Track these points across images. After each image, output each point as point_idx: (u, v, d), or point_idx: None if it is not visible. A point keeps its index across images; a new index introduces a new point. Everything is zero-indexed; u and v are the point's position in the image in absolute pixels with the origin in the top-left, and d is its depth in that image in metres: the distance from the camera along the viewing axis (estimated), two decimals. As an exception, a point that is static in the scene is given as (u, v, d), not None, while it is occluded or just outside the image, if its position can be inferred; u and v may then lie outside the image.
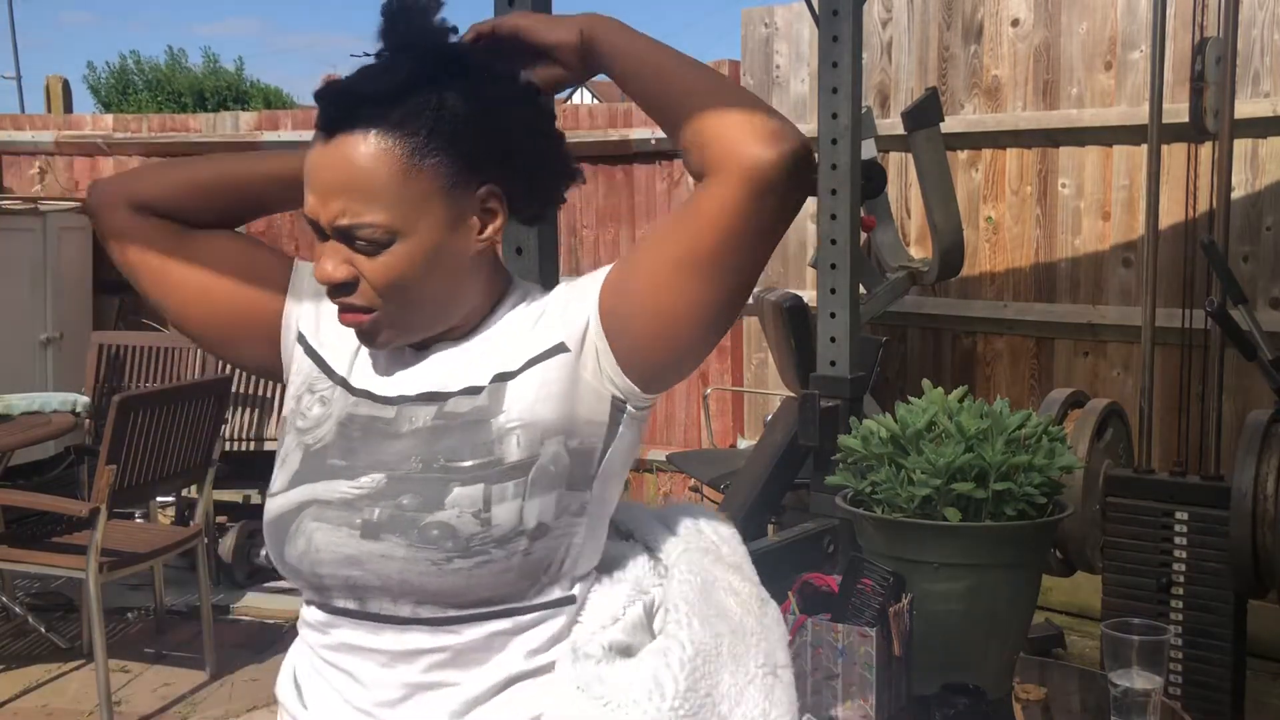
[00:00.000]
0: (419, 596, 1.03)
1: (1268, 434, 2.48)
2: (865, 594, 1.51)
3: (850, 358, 2.67)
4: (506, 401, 1.06)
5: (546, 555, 1.04)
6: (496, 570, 1.02)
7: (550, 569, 1.05)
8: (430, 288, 1.05)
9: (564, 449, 1.05)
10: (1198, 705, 2.47)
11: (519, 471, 1.03)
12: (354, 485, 1.06)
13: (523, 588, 1.04)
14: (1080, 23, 4.14)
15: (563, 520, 1.04)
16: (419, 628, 1.04)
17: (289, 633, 4.13)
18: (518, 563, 1.02)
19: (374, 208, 1.01)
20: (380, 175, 1.00)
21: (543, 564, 1.04)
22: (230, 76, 24.73)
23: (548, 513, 1.03)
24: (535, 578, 1.04)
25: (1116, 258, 4.12)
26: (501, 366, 1.07)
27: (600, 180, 5.25)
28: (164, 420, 3.39)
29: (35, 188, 5.74)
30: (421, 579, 1.01)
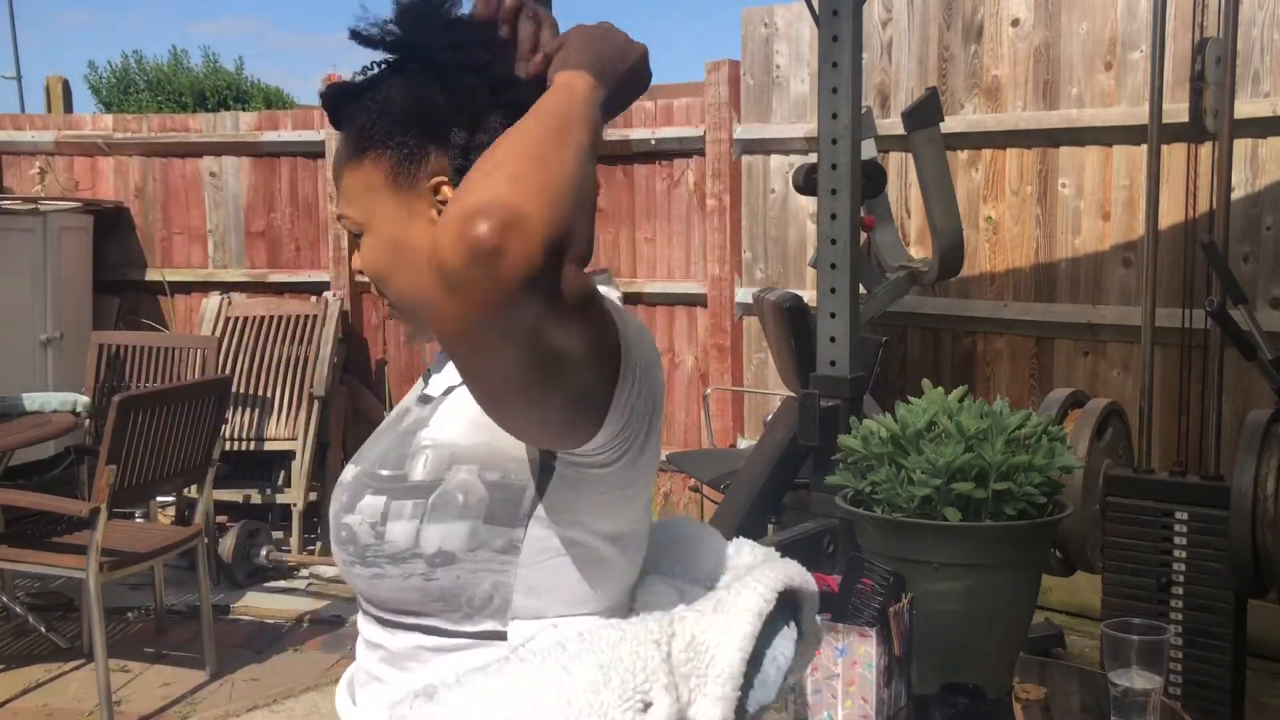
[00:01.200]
0: (359, 594, 1.08)
1: (1268, 434, 2.48)
2: (865, 594, 1.51)
3: (850, 358, 2.68)
4: (434, 418, 1.06)
5: (459, 586, 1.00)
6: (393, 586, 1.02)
7: (473, 601, 1.01)
8: (401, 280, 1.06)
9: (479, 480, 1.00)
10: (1198, 705, 2.47)
11: (420, 493, 1.01)
12: (349, 471, 1.10)
13: (440, 610, 1.02)
14: (1080, 23, 4.15)
15: (480, 554, 1.00)
16: (371, 620, 1.08)
17: (289, 633, 4.13)
18: (417, 584, 1.01)
19: (343, 200, 1.08)
20: (340, 169, 1.08)
21: (456, 593, 1.01)
22: (230, 76, 24.72)
23: (454, 542, 0.99)
24: (454, 604, 1.01)
25: (1116, 258, 4.12)
26: (452, 380, 1.06)
27: (600, 180, 5.25)
28: (164, 420, 3.39)
29: (35, 188, 5.74)
30: (346, 576, 1.07)
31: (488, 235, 0.76)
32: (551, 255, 0.78)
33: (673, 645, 1.00)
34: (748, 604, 1.04)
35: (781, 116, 4.91)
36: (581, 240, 0.82)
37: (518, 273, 0.77)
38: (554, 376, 0.85)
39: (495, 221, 0.76)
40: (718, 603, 1.05)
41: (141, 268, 5.82)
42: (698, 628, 1.02)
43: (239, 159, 5.72)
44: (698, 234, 5.12)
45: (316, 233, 5.64)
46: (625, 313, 0.97)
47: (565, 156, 0.85)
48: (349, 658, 4.21)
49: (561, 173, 0.83)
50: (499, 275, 0.76)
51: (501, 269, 0.76)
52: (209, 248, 5.80)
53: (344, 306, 5.43)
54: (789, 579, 1.08)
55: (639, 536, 1.09)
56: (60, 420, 3.89)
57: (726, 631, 1.01)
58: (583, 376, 0.87)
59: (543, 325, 0.80)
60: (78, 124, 5.98)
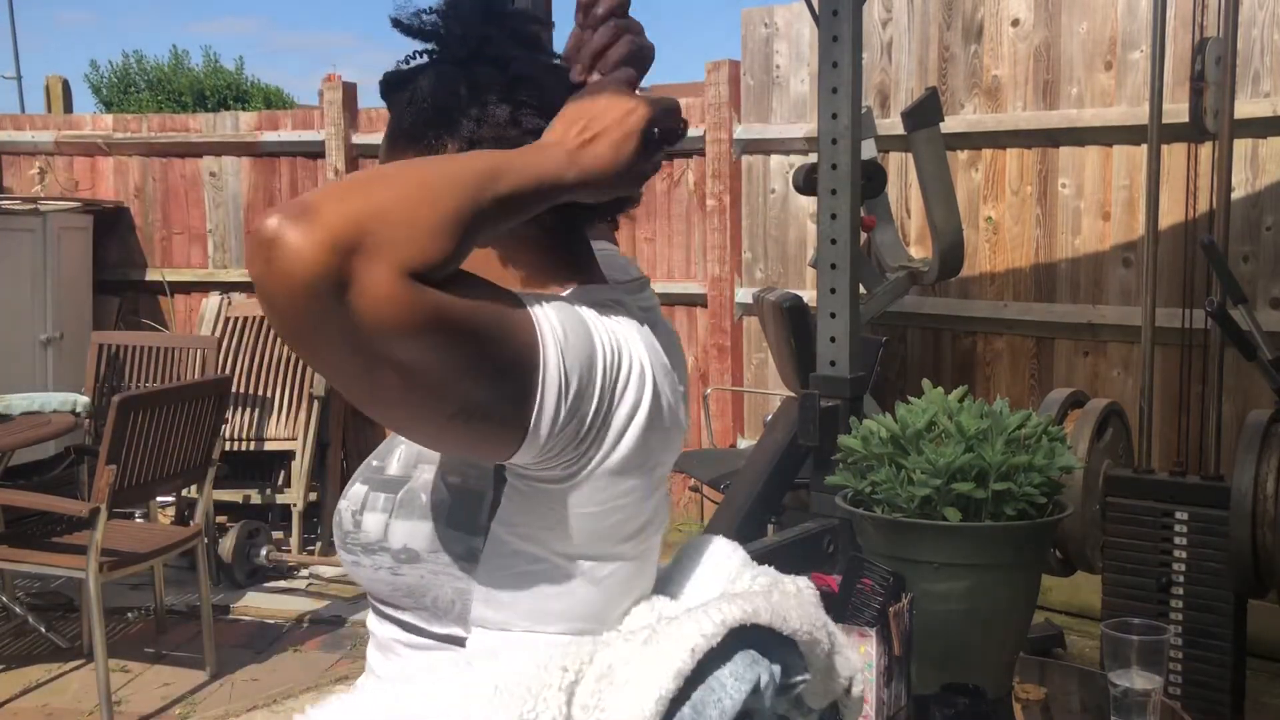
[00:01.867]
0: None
1: (1268, 434, 2.48)
2: (865, 594, 1.51)
3: (850, 358, 2.67)
4: None
5: (422, 585, 1.00)
6: (367, 576, 1.03)
7: (437, 602, 1.01)
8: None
9: (442, 481, 1.00)
10: (1198, 705, 2.47)
11: (391, 487, 1.02)
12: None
13: (410, 606, 1.03)
14: (1080, 23, 4.14)
15: (441, 557, 0.99)
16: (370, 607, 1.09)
17: (289, 633, 4.13)
18: (385, 578, 1.01)
19: None
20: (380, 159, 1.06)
21: (421, 593, 1.01)
22: (230, 76, 24.73)
23: (418, 540, 0.99)
24: (420, 602, 1.01)
25: (1116, 258, 4.12)
26: None
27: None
28: (164, 420, 3.39)
29: (35, 188, 5.74)
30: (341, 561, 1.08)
31: (269, 227, 0.76)
32: (335, 252, 0.76)
33: (586, 673, 0.95)
34: (683, 638, 0.95)
35: (781, 116, 4.91)
36: (406, 250, 0.80)
37: (294, 265, 0.75)
38: (416, 390, 0.83)
39: (283, 216, 0.76)
40: (653, 633, 0.98)
41: (141, 268, 5.82)
42: (619, 658, 0.96)
43: (239, 159, 5.72)
44: (698, 234, 5.12)
45: (316, 233, 5.63)
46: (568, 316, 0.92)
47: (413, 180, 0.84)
48: (349, 658, 4.21)
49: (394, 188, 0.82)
50: (274, 268, 0.76)
51: (276, 261, 0.76)
52: (209, 248, 5.80)
53: (344, 306, 5.42)
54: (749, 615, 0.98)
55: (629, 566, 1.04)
56: (60, 420, 3.89)
57: (649, 665, 0.94)
58: (459, 386, 0.84)
59: (352, 327, 0.78)
60: (78, 124, 5.98)
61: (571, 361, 0.91)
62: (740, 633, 0.98)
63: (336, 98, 5.43)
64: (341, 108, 5.43)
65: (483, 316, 0.86)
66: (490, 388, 0.87)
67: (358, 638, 4.05)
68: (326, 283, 0.76)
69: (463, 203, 0.84)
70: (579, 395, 0.91)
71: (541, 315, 0.91)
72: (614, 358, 0.95)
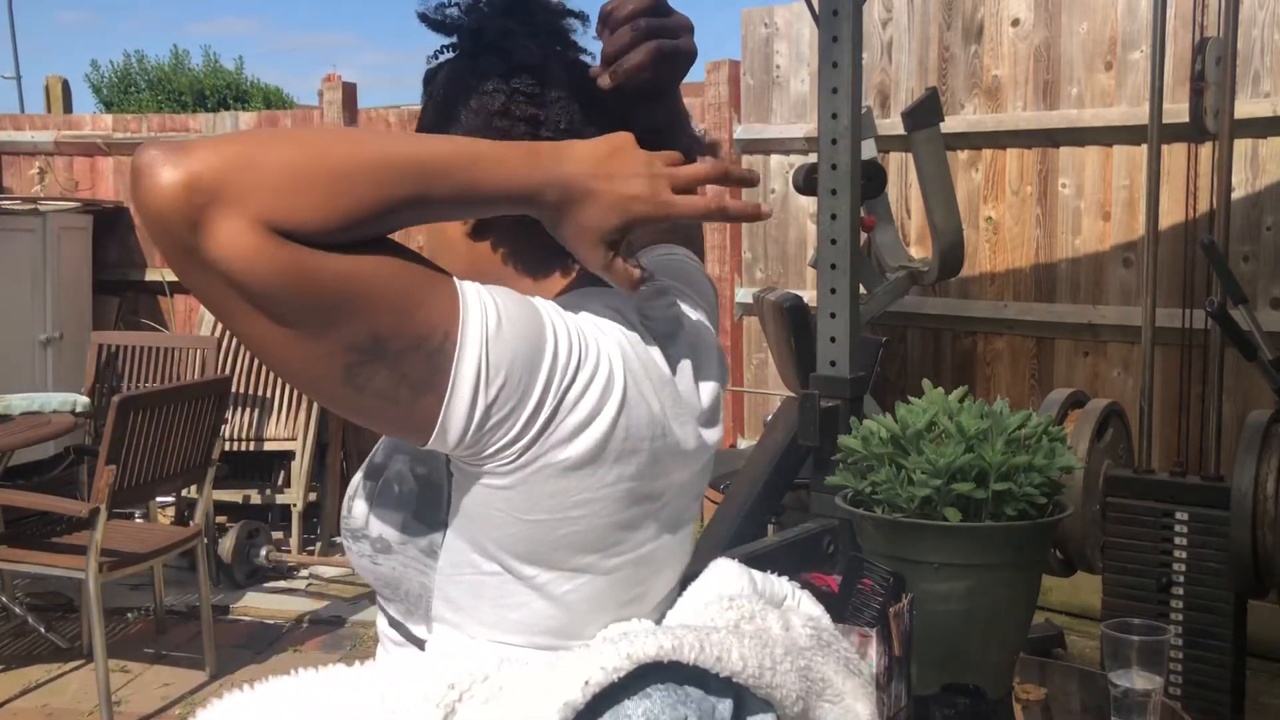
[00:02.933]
0: None
1: (1268, 434, 2.48)
2: (865, 594, 1.51)
3: (850, 358, 2.67)
4: None
5: (395, 576, 1.00)
6: (355, 563, 1.04)
7: (408, 597, 1.00)
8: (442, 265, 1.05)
9: (410, 472, 0.99)
10: (1198, 705, 2.47)
11: (372, 475, 1.03)
12: None
13: (389, 598, 1.03)
14: (1080, 23, 4.14)
15: (408, 549, 0.98)
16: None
17: (289, 633, 4.13)
18: (367, 566, 1.02)
19: None
20: None
21: (395, 584, 1.01)
22: (230, 75, 24.73)
23: (390, 530, 0.99)
24: (397, 595, 1.01)
25: (1117, 258, 4.12)
26: None
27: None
28: (164, 420, 3.39)
29: (35, 188, 5.74)
30: None
31: (144, 157, 0.79)
32: (191, 193, 0.78)
33: (476, 691, 0.92)
34: (579, 669, 0.88)
35: (781, 116, 4.91)
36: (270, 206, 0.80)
37: (152, 197, 0.78)
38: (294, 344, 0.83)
39: (161, 151, 0.79)
40: (557, 659, 0.94)
41: (141, 268, 5.82)
42: (513, 680, 0.93)
43: (239, 159, 5.71)
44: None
45: (316, 233, 5.63)
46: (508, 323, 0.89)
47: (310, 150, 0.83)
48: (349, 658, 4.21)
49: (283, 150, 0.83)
50: (137, 196, 0.79)
51: (138, 190, 0.79)
52: (209, 248, 5.79)
53: (344, 306, 5.42)
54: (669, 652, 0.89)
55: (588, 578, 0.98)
56: (60, 420, 3.89)
57: (538, 694, 0.89)
58: (342, 355, 0.83)
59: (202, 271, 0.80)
60: (77, 124, 5.98)
61: (499, 355, 0.87)
62: (671, 669, 0.90)
63: (336, 98, 5.43)
64: (341, 108, 5.42)
65: (373, 285, 0.84)
66: (383, 364, 0.85)
67: (358, 638, 4.05)
68: (177, 221, 0.79)
69: (369, 183, 0.83)
70: (508, 393, 0.88)
71: (474, 304, 0.88)
72: (571, 360, 0.91)
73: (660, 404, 0.98)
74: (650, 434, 0.96)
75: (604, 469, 0.94)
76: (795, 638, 1.05)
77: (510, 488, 0.92)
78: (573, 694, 0.86)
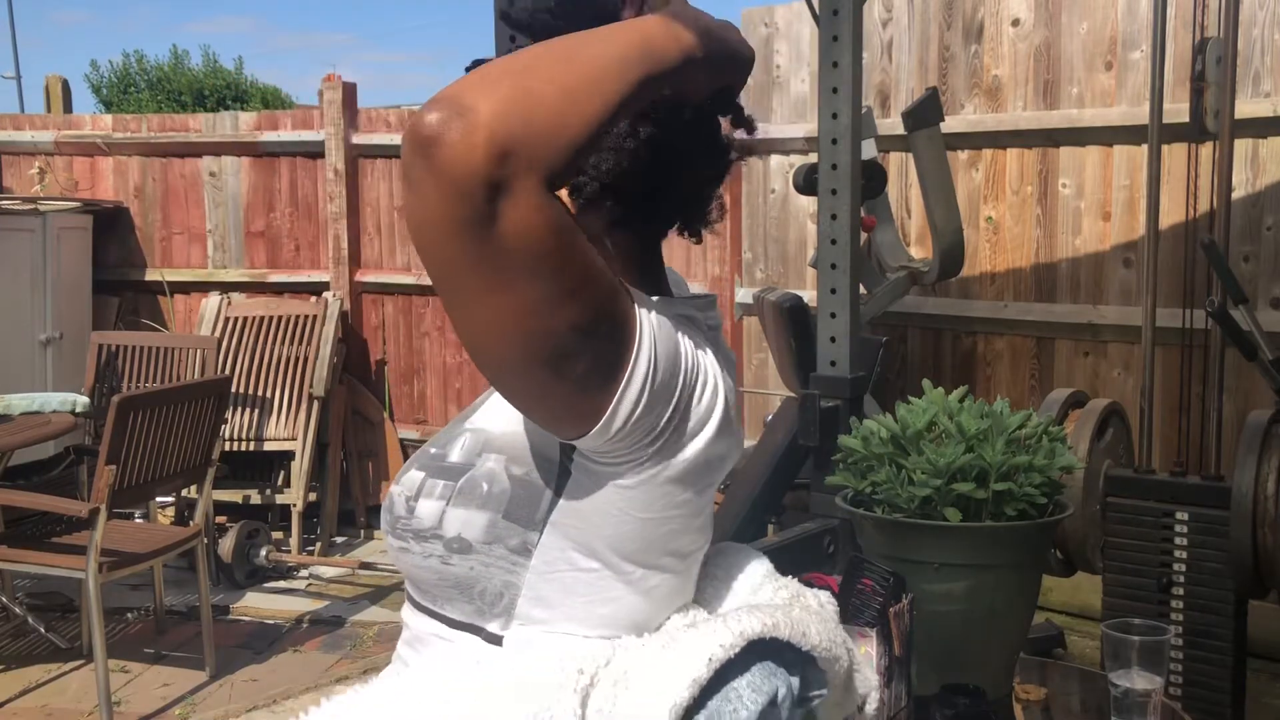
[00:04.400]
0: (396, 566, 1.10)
1: (1268, 434, 2.48)
2: (865, 594, 1.51)
3: (850, 358, 2.67)
4: (485, 403, 1.07)
5: (473, 577, 0.99)
6: (415, 564, 1.02)
7: (485, 595, 1.00)
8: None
9: (505, 472, 0.99)
10: (1198, 705, 2.47)
11: (451, 474, 1.01)
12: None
13: (454, 598, 1.02)
14: (1080, 23, 4.14)
15: (494, 549, 0.98)
16: (407, 599, 1.09)
17: (289, 633, 4.13)
18: (435, 566, 1.00)
19: None
20: None
21: (471, 584, 1.00)
22: (229, 75, 24.73)
23: (473, 530, 0.98)
24: (468, 595, 1.00)
25: (1117, 258, 4.12)
26: None
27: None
28: (164, 420, 3.39)
29: (35, 188, 5.73)
30: (388, 546, 1.07)
31: (429, 124, 0.74)
32: (494, 157, 0.74)
33: (601, 676, 0.95)
34: (700, 647, 0.94)
35: (782, 116, 4.91)
36: (553, 161, 0.78)
37: (452, 165, 0.74)
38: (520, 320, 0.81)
39: (441, 112, 0.75)
40: (671, 640, 0.99)
41: (141, 268, 5.82)
42: (636, 664, 0.96)
43: (239, 159, 5.72)
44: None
45: (316, 233, 5.63)
46: (661, 319, 0.93)
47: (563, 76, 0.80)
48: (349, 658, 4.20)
49: (547, 88, 0.79)
50: (436, 165, 0.74)
51: (436, 158, 0.74)
52: (209, 248, 5.79)
53: (344, 307, 5.43)
54: (769, 629, 0.98)
55: (679, 577, 1.04)
56: (60, 420, 3.89)
57: (664, 673, 0.93)
58: (563, 335, 0.83)
59: (495, 239, 0.76)
60: (77, 124, 5.98)
61: (661, 355, 0.90)
62: (759, 645, 0.98)
63: (336, 97, 5.43)
64: (341, 107, 5.42)
65: (598, 266, 0.84)
66: (588, 342, 0.85)
67: (358, 638, 4.05)
68: (483, 187, 0.74)
69: (602, 112, 0.81)
70: (660, 391, 0.91)
71: (638, 303, 0.91)
72: (694, 366, 0.95)
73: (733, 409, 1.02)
74: (732, 438, 1.01)
75: (707, 471, 0.99)
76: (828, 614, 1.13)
77: (634, 487, 0.95)
78: (699, 671, 0.92)
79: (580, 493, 0.97)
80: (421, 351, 5.52)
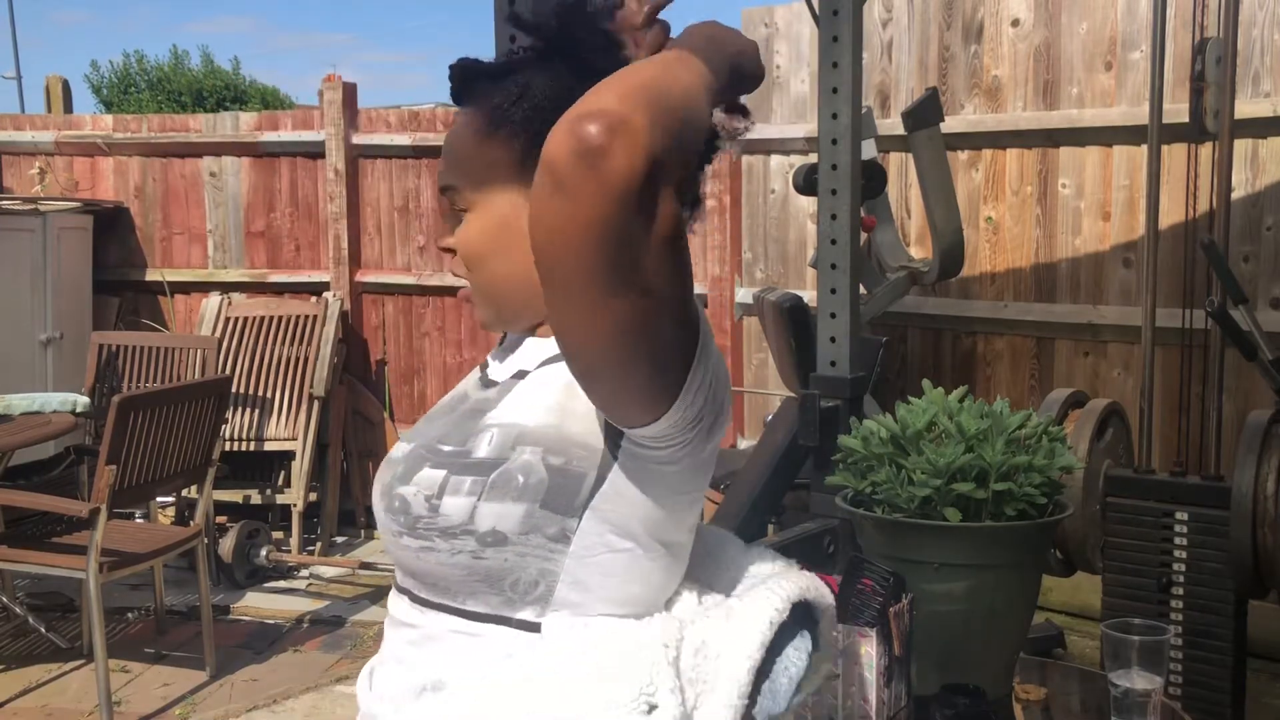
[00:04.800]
0: (401, 567, 1.09)
1: (1268, 434, 2.48)
2: (865, 594, 1.51)
3: (850, 358, 2.67)
4: (504, 399, 1.07)
5: (505, 568, 1.01)
6: (440, 561, 1.02)
7: (517, 586, 1.01)
8: (504, 266, 1.08)
9: (541, 463, 1.01)
10: (1198, 705, 2.47)
11: (481, 470, 1.02)
12: (401, 448, 1.11)
13: (481, 592, 1.02)
14: (1080, 23, 4.14)
15: (531, 539, 1.00)
16: (405, 598, 1.09)
17: (289, 633, 4.13)
18: (464, 562, 1.01)
19: (456, 171, 1.08)
20: (459, 141, 1.08)
21: (503, 576, 1.01)
22: (229, 76, 24.74)
23: (508, 522, 1.00)
24: (497, 588, 1.02)
25: (1117, 258, 4.12)
26: (523, 365, 1.09)
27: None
28: (164, 420, 3.39)
29: (35, 188, 5.74)
30: (392, 547, 1.07)
31: (596, 135, 0.79)
32: (653, 167, 0.80)
33: (681, 649, 1.00)
34: (760, 612, 1.04)
35: (782, 116, 4.91)
36: (678, 170, 0.84)
37: (621, 175, 0.79)
38: (640, 315, 0.86)
39: (605, 124, 0.79)
40: (730, 610, 1.06)
41: (141, 268, 5.82)
42: (708, 633, 1.03)
43: (239, 159, 5.72)
44: (698, 234, 5.12)
45: (316, 233, 5.63)
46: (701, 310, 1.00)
47: (671, 90, 0.87)
48: (349, 658, 4.20)
49: (667, 100, 0.85)
50: (603, 175, 0.79)
51: (606, 169, 0.79)
52: (209, 248, 5.80)
53: (344, 307, 5.43)
54: (804, 590, 1.09)
55: (684, 551, 1.09)
56: (60, 420, 3.89)
57: (736, 638, 1.01)
58: (665, 326, 0.88)
59: (637, 243, 0.82)
60: (77, 124, 5.98)
61: (708, 336, 0.96)
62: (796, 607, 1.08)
63: (336, 98, 5.43)
64: (341, 107, 5.42)
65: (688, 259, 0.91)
66: (681, 332, 0.91)
67: (358, 638, 4.05)
68: (642, 194, 0.80)
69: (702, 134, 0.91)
70: (708, 375, 0.95)
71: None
72: (718, 354, 1.00)
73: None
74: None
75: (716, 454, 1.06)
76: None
77: (675, 469, 1.00)
78: (765, 633, 1.03)
79: (625, 478, 1.01)
80: (422, 351, 5.52)
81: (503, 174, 1.06)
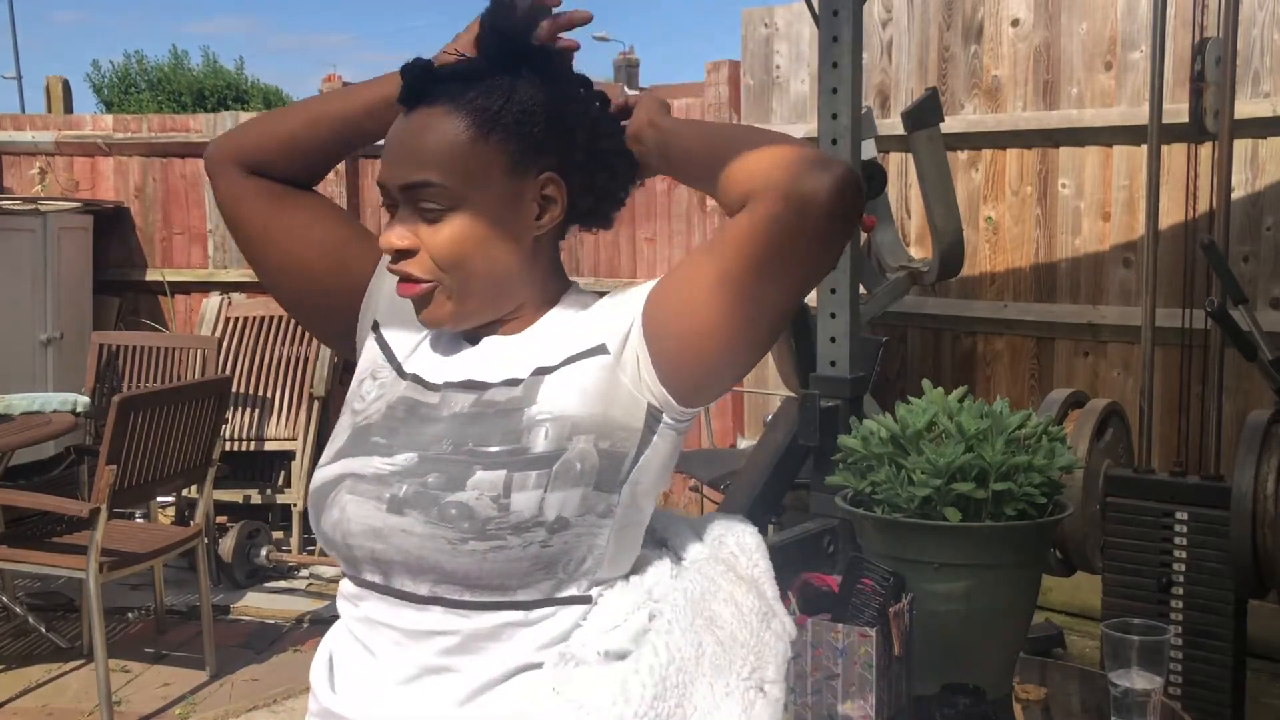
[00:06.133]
0: (437, 575, 1.05)
1: (1268, 434, 2.48)
2: (865, 594, 1.51)
3: (850, 358, 2.68)
4: (540, 395, 1.09)
5: (565, 551, 1.05)
6: (511, 558, 1.03)
7: (569, 566, 1.06)
8: (484, 264, 1.10)
9: (593, 448, 1.06)
10: (1198, 705, 2.47)
11: (543, 463, 1.05)
12: (388, 462, 1.09)
13: (537, 579, 1.05)
14: (1080, 23, 4.15)
15: (586, 519, 1.06)
16: (436, 608, 1.06)
17: (289, 632, 4.13)
18: (533, 553, 1.04)
19: (438, 169, 1.07)
20: (447, 140, 1.07)
21: (560, 559, 1.05)
22: (229, 76, 24.75)
23: (570, 508, 1.04)
24: (552, 572, 1.05)
25: (1116, 258, 4.12)
26: (542, 361, 1.10)
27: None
28: (164, 420, 3.39)
29: (35, 188, 5.74)
30: (437, 556, 1.04)
31: (847, 170, 0.98)
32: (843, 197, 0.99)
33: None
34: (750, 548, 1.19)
35: (781, 117, 4.91)
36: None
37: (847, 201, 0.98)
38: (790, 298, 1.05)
39: (835, 160, 0.99)
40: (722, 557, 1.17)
41: (141, 268, 5.82)
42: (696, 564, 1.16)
43: (239, 159, 5.71)
44: (698, 234, 5.12)
45: (316, 233, 5.63)
46: None
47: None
48: (349, 658, 4.09)
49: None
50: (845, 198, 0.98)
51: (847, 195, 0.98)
52: (209, 248, 5.80)
53: (344, 306, 5.42)
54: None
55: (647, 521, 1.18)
56: (60, 420, 3.89)
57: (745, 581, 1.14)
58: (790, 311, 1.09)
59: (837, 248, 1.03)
60: (78, 124, 5.98)
61: None
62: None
63: (336, 98, 5.43)
64: (341, 108, 5.42)
65: None
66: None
67: (358, 638, 4.04)
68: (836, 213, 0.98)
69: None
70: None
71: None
72: None
73: None
74: None
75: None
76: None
77: (679, 439, 1.12)
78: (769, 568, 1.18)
79: (657, 454, 1.10)
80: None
81: (495, 176, 1.08)
